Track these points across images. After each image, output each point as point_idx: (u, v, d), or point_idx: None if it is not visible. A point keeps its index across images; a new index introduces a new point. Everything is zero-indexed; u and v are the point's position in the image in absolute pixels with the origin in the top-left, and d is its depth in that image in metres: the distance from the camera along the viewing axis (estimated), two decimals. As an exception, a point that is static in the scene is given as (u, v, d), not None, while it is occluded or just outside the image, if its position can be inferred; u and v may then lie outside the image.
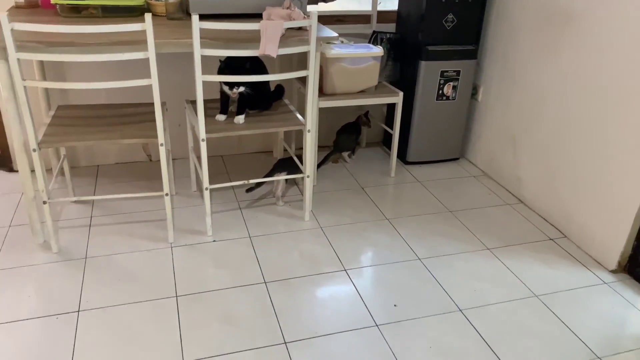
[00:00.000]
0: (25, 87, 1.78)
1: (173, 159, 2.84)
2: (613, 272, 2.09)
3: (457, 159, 3.03)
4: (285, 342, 1.67)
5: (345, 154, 2.92)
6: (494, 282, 2.00)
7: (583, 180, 2.21)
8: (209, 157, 2.42)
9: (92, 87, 1.88)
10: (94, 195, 2.49)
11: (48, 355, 1.57)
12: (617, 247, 2.07)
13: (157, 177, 2.67)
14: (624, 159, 2.00)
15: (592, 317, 1.84)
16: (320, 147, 2.85)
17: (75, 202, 2.41)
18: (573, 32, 2.20)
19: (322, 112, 2.79)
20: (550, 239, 2.31)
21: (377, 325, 1.76)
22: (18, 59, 1.71)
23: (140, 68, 2.04)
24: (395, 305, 1.86)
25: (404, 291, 1.93)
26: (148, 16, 1.74)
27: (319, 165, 2.81)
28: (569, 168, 2.29)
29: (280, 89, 2.43)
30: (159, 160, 2.82)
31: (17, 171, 2.67)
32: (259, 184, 2.48)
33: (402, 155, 2.95)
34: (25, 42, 1.76)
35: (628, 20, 1.93)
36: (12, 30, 1.67)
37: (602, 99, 2.08)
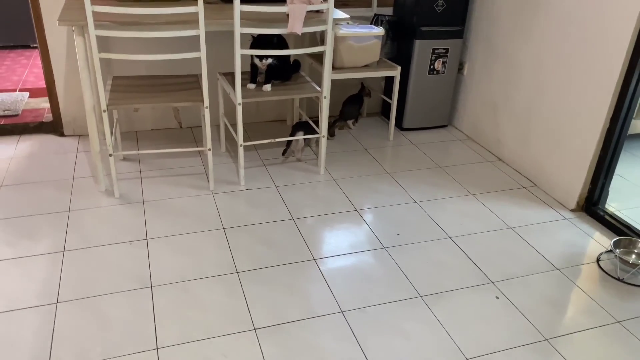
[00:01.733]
0: (98, 58, 2.19)
1: (197, 126, 3.26)
2: (573, 210, 2.58)
3: (445, 125, 3.49)
4: (314, 259, 2.13)
5: (349, 122, 3.37)
6: (477, 218, 2.48)
7: (551, 137, 2.69)
8: (231, 124, 2.84)
9: (154, 59, 2.29)
10: (139, 156, 2.91)
11: (130, 271, 2.02)
12: (575, 190, 2.56)
13: (187, 140, 3.09)
14: (583, 116, 2.48)
15: (554, 243, 2.33)
16: (329, 116, 3.29)
17: (123, 159, 2.83)
18: (541, 14, 2.66)
19: (330, 84, 3.22)
20: (523, 187, 2.79)
21: (384, 248, 2.23)
22: (96, 36, 2.12)
23: (179, 44, 2.45)
24: (398, 234, 2.33)
25: (405, 224, 2.40)
26: (200, 1, 2.15)
27: (328, 132, 3.25)
28: (540, 127, 2.76)
29: (297, 63, 2.86)
30: (188, 127, 3.26)
31: (67, 135, 3.09)
32: (288, 144, 2.91)
33: (398, 123, 3.40)
34: (100, 22, 2.16)
35: (582, 3, 2.39)
36: (92, 11, 2.08)
37: (566, 68, 2.55)
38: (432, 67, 3.22)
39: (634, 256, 2.20)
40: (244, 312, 1.84)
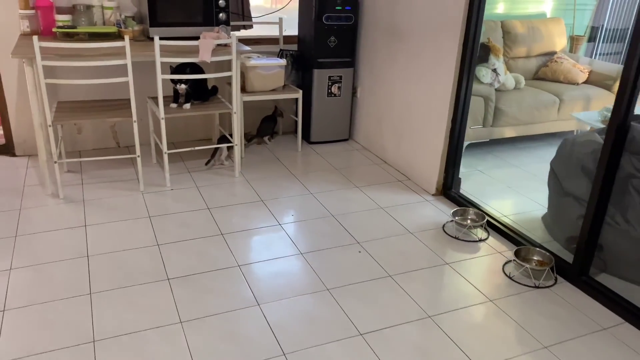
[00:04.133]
0: (44, 83, 2.76)
1: (133, 145, 3.81)
2: (433, 195, 3.27)
3: (347, 139, 4.19)
4: (222, 234, 2.70)
5: (265, 138, 4.01)
6: (356, 202, 3.12)
7: (416, 140, 3.40)
8: (161, 142, 3.42)
9: (90, 83, 2.89)
10: (81, 168, 3.43)
11: (71, 247, 2.54)
12: (434, 179, 3.25)
13: (124, 156, 3.65)
14: (434, 121, 3.20)
15: (413, 216, 2.99)
16: (247, 134, 3.92)
17: (67, 171, 3.35)
18: (402, 43, 3.41)
19: (247, 106, 3.88)
20: (399, 181, 3.48)
21: (280, 224, 2.83)
22: (42, 66, 2.70)
23: (113, 72, 3.04)
24: (292, 215, 2.94)
25: (299, 208, 3.02)
26: (127, 37, 2.78)
27: (246, 145, 3.88)
28: (408, 133, 3.47)
29: (215, 88, 3.50)
30: (125, 146, 3.81)
31: (18, 155, 3.58)
32: (213, 154, 3.50)
33: (306, 137, 4.07)
34: (45, 55, 2.74)
35: (428, 36, 3.16)
36: (40, 47, 2.66)
37: (420, 84, 3.29)
38: (329, 91, 3.93)
39: (468, 221, 2.88)
40: (161, 272, 2.39)
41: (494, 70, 3.81)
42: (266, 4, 5.15)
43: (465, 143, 3.87)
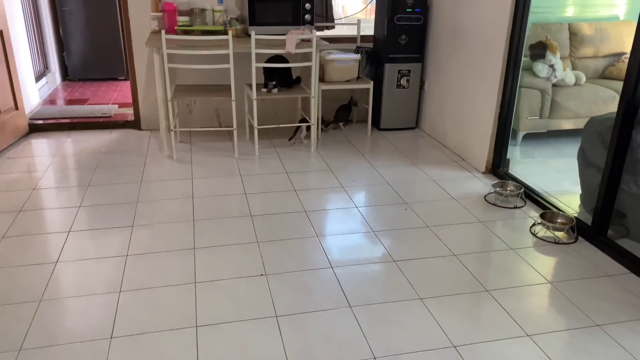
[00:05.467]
0: (167, 67, 3.57)
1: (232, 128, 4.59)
2: (482, 172, 3.68)
3: (413, 127, 4.68)
4: (294, 190, 3.34)
5: (340, 124, 4.62)
6: (411, 176, 3.63)
7: (470, 125, 3.83)
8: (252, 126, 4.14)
9: (201, 67, 3.67)
10: (190, 139, 4.25)
11: (180, 191, 3.30)
12: (484, 158, 3.67)
13: (224, 134, 4.42)
14: (486, 108, 3.62)
15: (460, 188, 3.44)
16: (324, 120, 4.56)
17: (180, 142, 4.17)
18: (463, 39, 3.87)
19: (325, 96, 4.51)
20: (454, 161, 3.92)
21: (342, 186, 3.41)
22: (167, 53, 3.51)
23: (217, 61, 3.80)
24: (354, 181, 3.51)
25: (360, 176, 3.58)
26: (230, 33, 3.52)
27: (323, 129, 4.51)
28: (466, 119, 3.91)
29: (299, 78, 4.17)
30: (225, 127, 4.59)
31: (143, 129, 4.49)
32: (295, 133, 4.18)
33: (376, 124, 4.62)
34: (169, 45, 3.56)
35: (481, 34, 3.60)
36: (166, 39, 3.48)
37: (473, 76, 3.72)
38: (399, 83, 4.46)
39: (507, 191, 3.27)
40: (246, 211, 3.07)
41: (551, 66, 4.12)
42: (351, 6, 5.79)
43: (522, 133, 4.24)
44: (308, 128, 4.16)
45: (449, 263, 2.57)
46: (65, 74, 5.98)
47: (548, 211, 2.95)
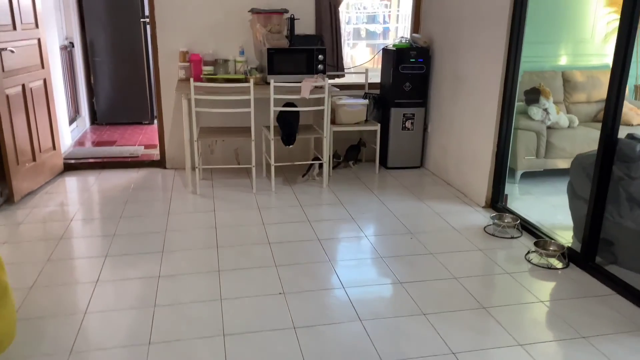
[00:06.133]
0: (194, 111, 3.96)
1: (250, 166, 4.94)
2: (483, 207, 3.98)
3: (418, 167, 5.01)
4: (308, 221, 3.64)
5: (350, 162, 4.96)
6: (416, 208, 3.92)
7: (471, 163, 4.15)
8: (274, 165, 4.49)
9: (224, 111, 4.06)
10: (212, 176, 4.59)
11: (203, 221, 3.61)
12: (484, 193, 3.97)
13: (243, 173, 4.77)
14: (483, 148, 3.95)
15: (461, 220, 3.72)
16: (335, 159, 4.91)
17: (202, 179, 4.52)
18: (461, 86, 4.25)
19: (336, 137, 4.88)
20: (457, 197, 4.22)
21: (353, 219, 3.71)
22: (195, 99, 3.91)
23: (239, 105, 4.18)
24: (363, 214, 3.81)
25: (371, 210, 3.88)
26: (251, 81, 3.92)
27: (334, 167, 4.85)
28: (466, 158, 4.23)
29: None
30: (244, 166, 4.95)
31: (168, 168, 4.85)
32: (308, 170, 4.53)
33: (384, 163, 4.96)
34: (196, 92, 3.96)
35: (479, 78, 3.98)
36: (194, 86, 3.88)
37: (471, 118, 4.07)
38: (404, 125, 4.83)
39: (504, 222, 3.55)
40: (264, 239, 3.37)
41: (545, 110, 4.47)
42: (360, 57, 6.25)
43: (520, 171, 4.55)
44: (320, 166, 4.50)
45: (449, 284, 2.83)
46: (94, 119, 6.43)
47: (541, 239, 3.23)
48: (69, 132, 5.39)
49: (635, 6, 2.63)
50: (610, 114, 2.76)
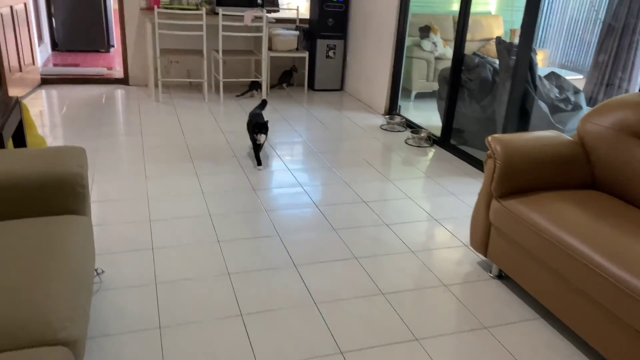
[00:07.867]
0: (158, 33, 4.92)
1: (200, 82, 5.96)
2: (382, 114, 5.27)
3: (339, 89, 6.23)
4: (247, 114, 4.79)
5: (284, 85, 6.10)
6: (332, 117, 5.15)
7: (376, 82, 5.41)
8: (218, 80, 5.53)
9: (181, 34, 5.05)
10: (169, 90, 5.59)
11: (169, 127, 4.68)
12: (382, 104, 5.25)
13: (194, 90, 5.79)
14: (384, 71, 5.20)
15: (364, 122, 4.99)
16: (271, 83, 6.02)
17: (162, 92, 5.51)
18: (369, 21, 5.44)
19: (273, 62, 5.97)
20: (364, 109, 5.49)
21: (286, 120, 4.89)
22: (158, 22, 4.87)
23: (193, 30, 5.17)
24: (295, 120, 5.00)
25: (299, 117, 5.08)
26: (204, 9, 4.92)
27: (271, 88, 5.97)
28: (372, 79, 5.48)
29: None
30: (197, 80, 5.97)
31: (131, 85, 5.79)
32: (246, 91, 5.61)
33: (311, 86, 6.13)
34: (159, 17, 4.91)
35: (380, 17, 5.18)
36: (157, 12, 4.83)
37: (376, 43, 5.30)
38: (327, 54, 5.99)
39: (394, 120, 4.85)
40: (217, 128, 4.49)
41: (434, 43, 5.77)
42: None
43: (415, 92, 5.88)
44: (260, 86, 5.61)
45: (355, 155, 4.10)
46: (54, 45, 7.13)
47: (415, 129, 4.56)
48: (39, 54, 6.14)
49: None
50: (459, 37, 4.06)
